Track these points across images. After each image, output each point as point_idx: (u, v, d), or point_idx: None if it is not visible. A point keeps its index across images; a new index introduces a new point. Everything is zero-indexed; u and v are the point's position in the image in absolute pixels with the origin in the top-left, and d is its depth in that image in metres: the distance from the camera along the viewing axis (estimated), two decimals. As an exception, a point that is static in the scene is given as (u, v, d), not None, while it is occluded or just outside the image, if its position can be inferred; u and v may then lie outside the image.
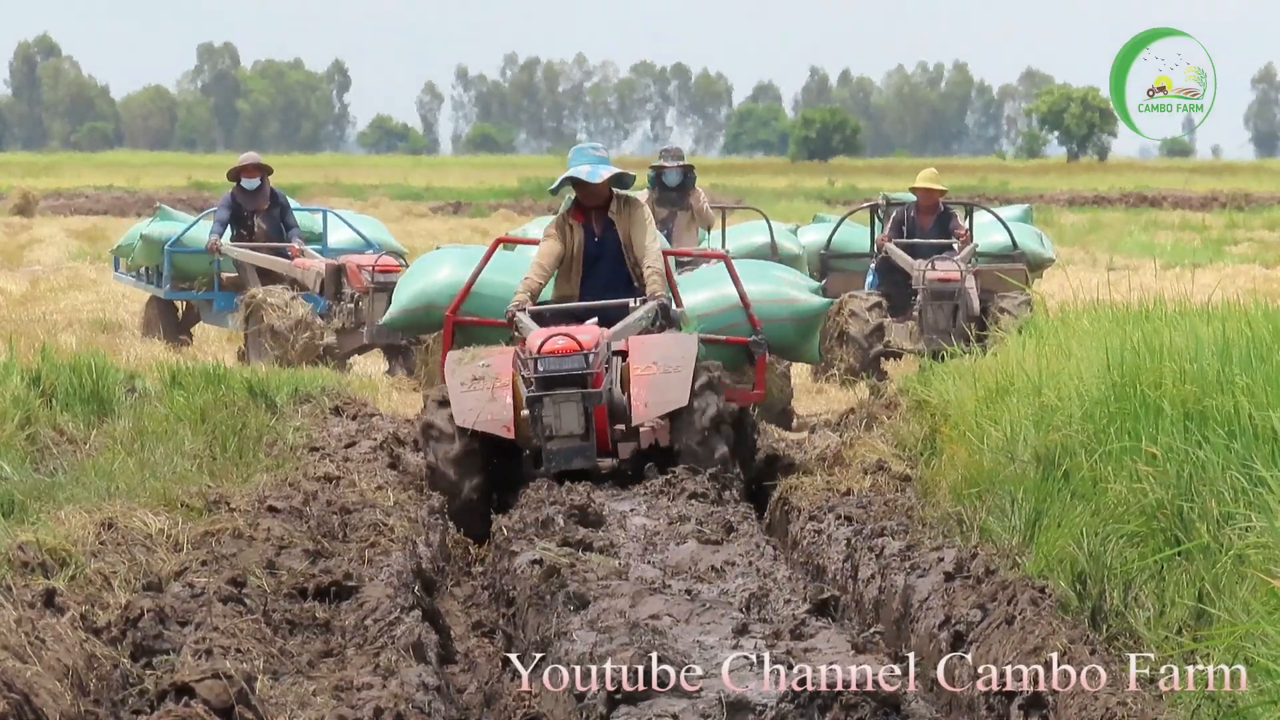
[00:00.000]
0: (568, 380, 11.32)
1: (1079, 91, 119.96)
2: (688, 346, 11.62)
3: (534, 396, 11.31)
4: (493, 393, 11.39)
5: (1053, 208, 57.47)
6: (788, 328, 14.17)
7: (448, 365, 11.66)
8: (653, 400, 11.40)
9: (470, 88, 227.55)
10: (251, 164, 19.77)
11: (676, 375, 11.43)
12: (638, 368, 11.51)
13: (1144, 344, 9.03)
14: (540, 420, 11.31)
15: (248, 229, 19.72)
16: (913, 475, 11.83)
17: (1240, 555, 6.58)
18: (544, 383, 11.33)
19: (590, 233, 12.31)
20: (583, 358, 11.34)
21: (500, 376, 11.48)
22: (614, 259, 12.26)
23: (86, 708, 6.37)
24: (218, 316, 20.42)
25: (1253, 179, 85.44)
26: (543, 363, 11.32)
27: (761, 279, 14.26)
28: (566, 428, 11.30)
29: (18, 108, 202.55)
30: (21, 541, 7.99)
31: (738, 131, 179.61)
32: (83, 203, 57.92)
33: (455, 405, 11.38)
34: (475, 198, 62.58)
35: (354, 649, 7.28)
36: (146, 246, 20.73)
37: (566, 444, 11.30)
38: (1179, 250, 37.09)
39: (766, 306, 13.77)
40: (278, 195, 19.96)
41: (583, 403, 11.29)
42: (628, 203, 12.35)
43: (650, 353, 11.56)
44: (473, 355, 11.69)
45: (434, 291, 14.30)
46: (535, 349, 11.35)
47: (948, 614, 7.76)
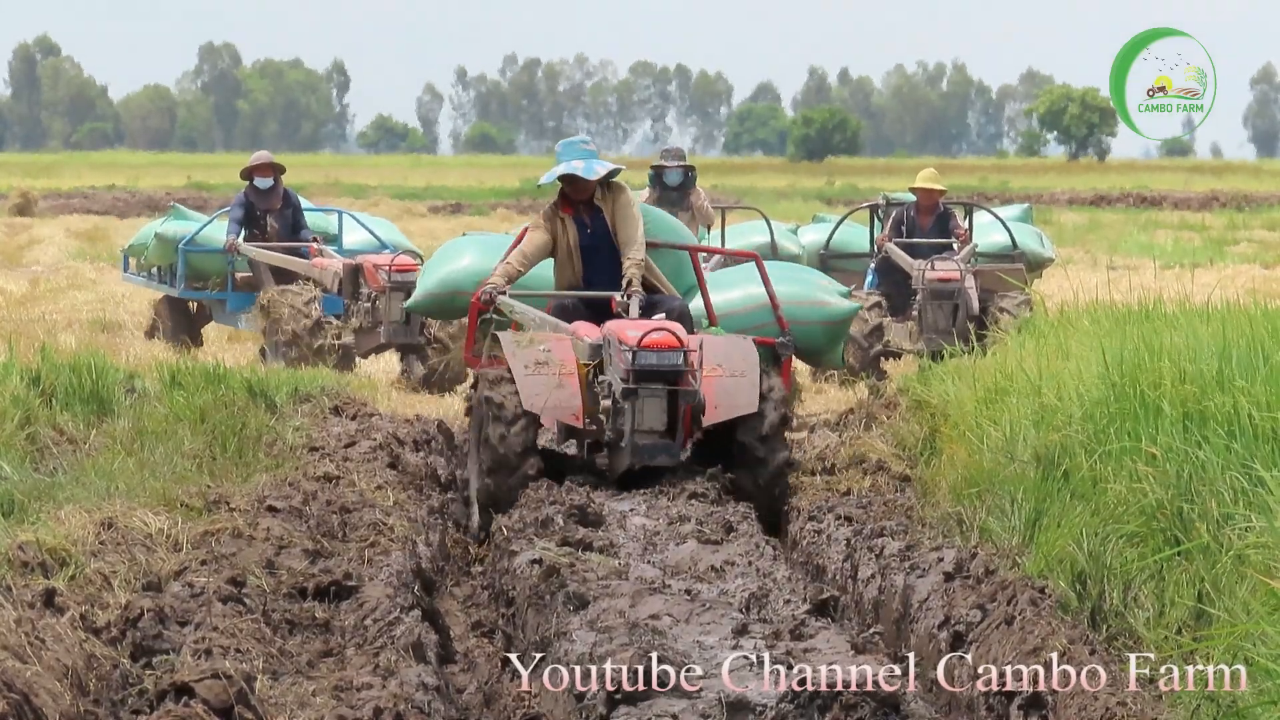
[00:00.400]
0: (664, 375, 11.14)
1: (1078, 92, 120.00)
2: (749, 351, 11.57)
3: (630, 389, 11.06)
4: (560, 379, 11.26)
5: (1052, 208, 57.48)
6: (816, 331, 14.01)
7: (506, 345, 11.49)
8: (723, 403, 11.29)
9: (470, 88, 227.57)
10: (264, 163, 19.60)
11: (744, 380, 11.35)
12: (706, 370, 11.36)
13: (1144, 344, 9.03)
14: (628, 413, 11.11)
15: (260, 228, 19.54)
16: (912, 475, 11.83)
17: (1240, 555, 6.58)
18: (639, 375, 11.11)
19: (582, 224, 12.23)
20: (683, 354, 11.16)
21: (565, 363, 11.35)
22: (609, 250, 12.18)
23: (86, 708, 6.37)
24: (231, 317, 20.22)
25: (1252, 179, 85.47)
26: (642, 356, 11.10)
27: (792, 281, 14.13)
28: (649, 423, 11.12)
29: (17, 107, 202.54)
30: (21, 541, 7.99)
31: (737, 131, 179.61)
32: (82, 203, 57.94)
33: (523, 388, 11.22)
34: (475, 198, 62.60)
35: (354, 649, 7.28)
36: (160, 245, 20.45)
37: (652, 440, 11.12)
38: (1179, 250, 37.09)
39: (796, 309, 13.59)
40: (290, 195, 19.81)
41: (679, 400, 11.15)
42: (611, 189, 12.25)
43: (715, 355, 11.44)
44: (530, 339, 11.57)
45: (459, 277, 14.13)
46: (633, 341, 11.13)
47: (947, 614, 7.76)
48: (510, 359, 11.37)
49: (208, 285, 20.37)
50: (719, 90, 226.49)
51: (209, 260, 20.20)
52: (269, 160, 19.72)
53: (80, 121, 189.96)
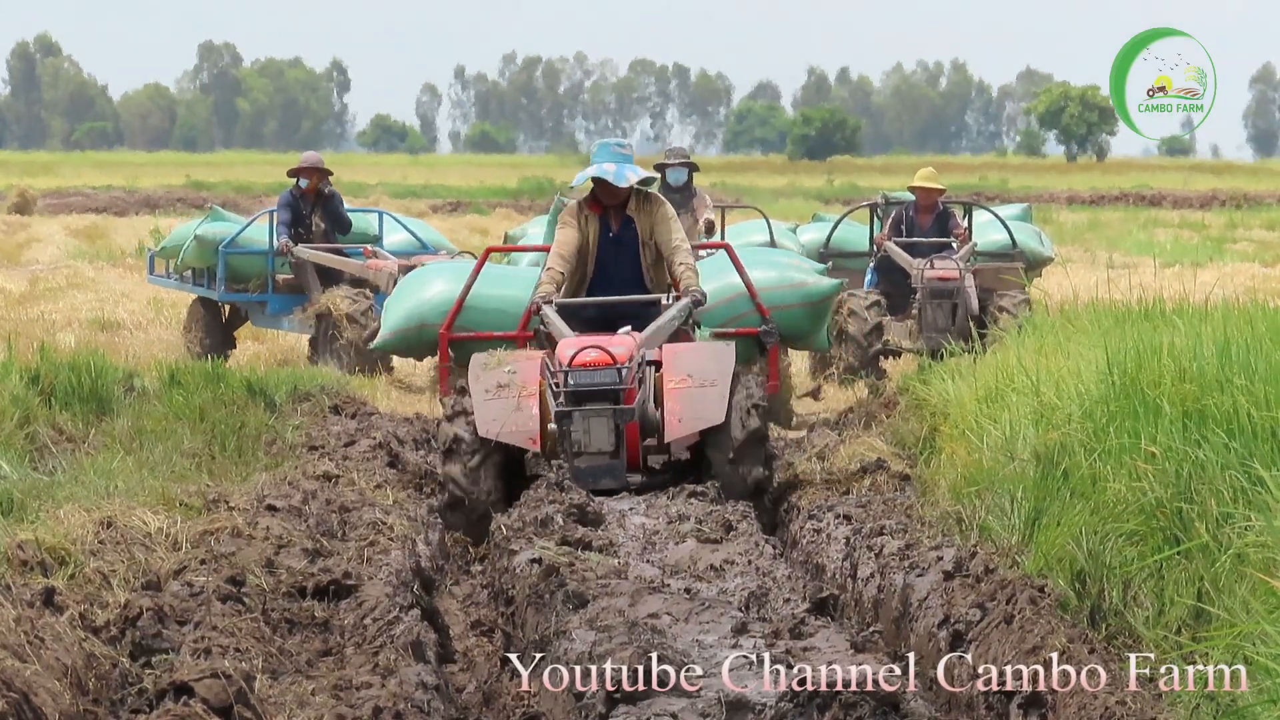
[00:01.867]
0: (599, 395, 10.77)
1: (1078, 90, 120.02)
2: (724, 358, 11.09)
3: (563, 411, 10.76)
4: (519, 402, 10.86)
5: (1052, 206, 57.51)
6: (799, 314, 13.64)
7: (472, 369, 11.10)
8: (687, 416, 10.87)
9: (469, 87, 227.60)
10: (311, 166, 19.42)
11: (713, 390, 10.90)
12: (671, 380, 10.98)
13: (1143, 343, 9.03)
14: (568, 435, 10.77)
15: (305, 228, 19.32)
16: (912, 474, 11.82)
17: (1239, 554, 6.58)
18: (574, 396, 10.78)
19: (606, 227, 11.76)
20: (615, 372, 10.78)
21: (527, 385, 10.95)
22: (630, 258, 11.72)
23: (85, 707, 6.36)
24: (271, 319, 19.91)
25: (1251, 178, 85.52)
26: (573, 376, 10.77)
27: (765, 265, 13.71)
28: (596, 444, 10.75)
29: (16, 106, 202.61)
30: (21, 540, 7.99)
31: (737, 130, 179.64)
32: (81, 201, 57.96)
33: (478, 414, 10.87)
34: (474, 196, 62.59)
35: (353, 648, 7.27)
36: (200, 247, 20.02)
37: (595, 461, 10.76)
38: (1178, 249, 37.10)
39: (774, 293, 13.24)
40: (334, 196, 19.58)
41: (614, 419, 10.75)
42: (648, 199, 11.79)
43: (684, 364, 11.02)
44: (499, 360, 11.13)
45: (426, 309, 13.74)
46: (566, 360, 10.82)
47: (947, 613, 7.76)
48: (472, 384, 11.00)
49: (248, 288, 20.00)
50: (718, 89, 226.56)
51: (249, 262, 19.88)
52: (318, 164, 19.50)
53: (79, 120, 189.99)
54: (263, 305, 19.86)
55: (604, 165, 11.63)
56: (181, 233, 21.35)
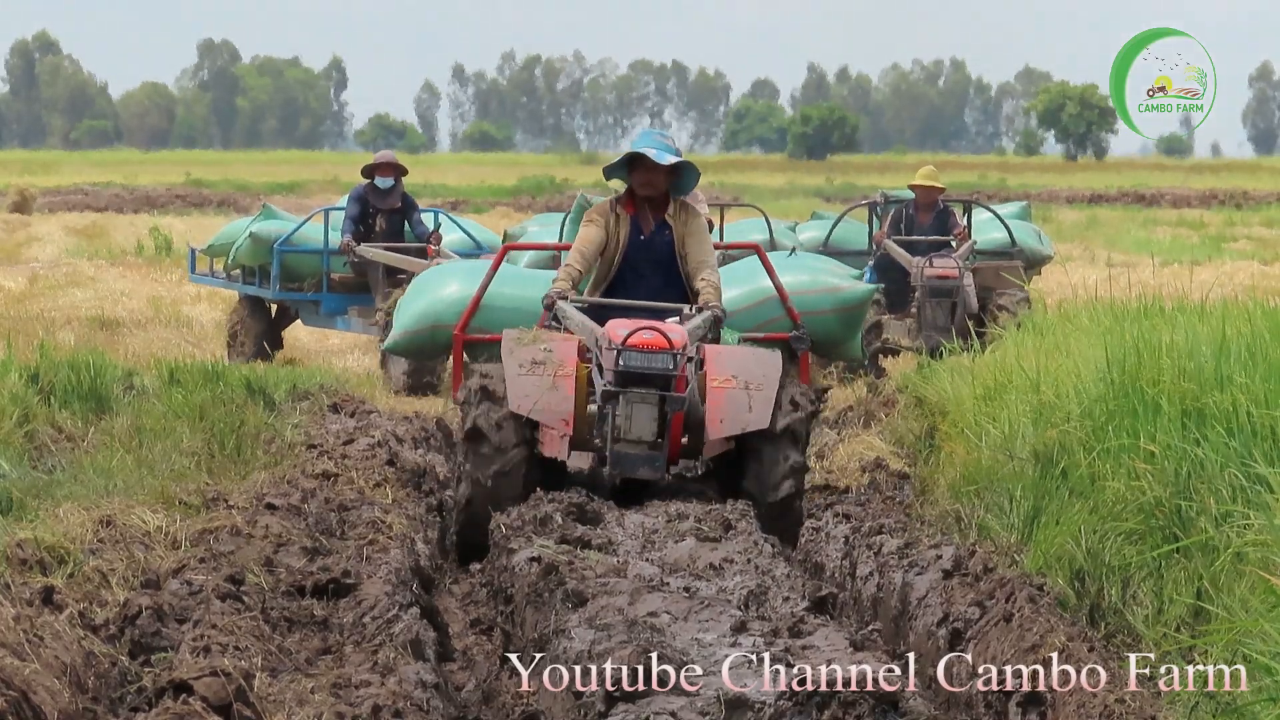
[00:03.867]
0: (648, 379, 10.17)
1: (1076, 89, 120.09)
2: (772, 364, 10.48)
3: (610, 391, 10.15)
4: (554, 380, 10.31)
5: (1051, 205, 57.52)
6: (831, 320, 13.00)
7: (505, 343, 10.53)
8: (730, 418, 10.30)
9: (468, 85, 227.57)
10: (387, 163, 19.06)
11: (759, 394, 10.32)
12: (715, 379, 10.38)
13: (1142, 341, 9.03)
14: (610, 418, 10.19)
15: (368, 228, 18.91)
16: (911, 473, 11.83)
17: (1239, 552, 6.58)
18: (623, 378, 10.17)
19: (638, 229, 11.07)
20: (671, 356, 10.16)
21: (564, 364, 10.37)
22: (661, 264, 11.04)
23: (85, 705, 6.36)
24: (325, 319, 19.62)
25: (1250, 177, 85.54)
26: (626, 356, 10.14)
27: (797, 269, 13.14)
28: (637, 431, 10.18)
29: (16, 105, 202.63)
30: (20, 539, 7.99)
31: (736, 128, 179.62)
32: (81, 200, 58.00)
33: (511, 389, 10.31)
34: (473, 195, 62.59)
35: (352, 646, 7.27)
36: (254, 245, 19.65)
37: (634, 449, 10.19)
38: (1177, 247, 37.11)
39: (806, 297, 12.57)
40: (408, 198, 19.16)
41: (661, 406, 10.17)
42: (684, 207, 11.13)
43: (730, 365, 10.45)
44: (534, 336, 10.56)
45: (440, 309, 13.26)
46: (619, 339, 10.19)
47: (946, 611, 7.76)
48: (505, 357, 10.48)
49: (302, 287, 19.66)
50: (717, 87, 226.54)
51: (303, 261, 19.59)
52: (392, 160, 19.16)
53: (79, 119, 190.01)
54: (316, 304, 19.56)
55: (645, 147, 10.96)
56: (231, 231, 20.96)
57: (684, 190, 11.20)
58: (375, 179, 19.02)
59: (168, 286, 26.92)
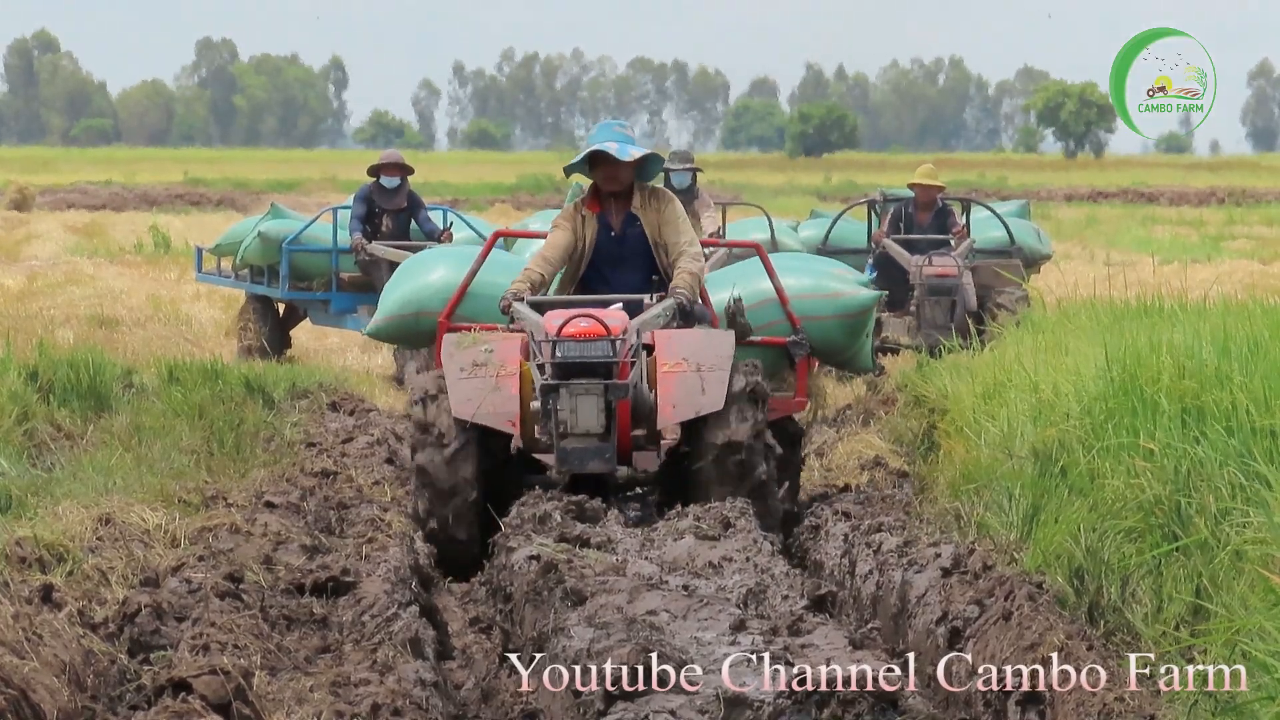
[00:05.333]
0: (589, 369, 9.91)
1: (1075, 88, 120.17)
2: (723, 344, 10.21)
3: (549, 385, 9.87)
4: (497, 381, 10.01)
5: (1050, 203, 57.54)
6: (832, 326, 12.36)
7: (445, 348, 10.27)
8: (681, 402, 9.99)
9: (467, 83, 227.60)
10: (393, 162, 18.97)
11: (711, 375, 10.02)
12: (665, 364, 10.10)
13: (1142, 340, 9.03)
14: (554, 414, 9.90)
15: (374, 227, 18.80)
16: (910, 471, 11.83)
17: (1238, 551, 6.58)
18: (561, 370, 9.91)
19: (606, 226, 10.80)
20: (609, 344, 9.90)
21: (506, 364, 10.10)
22: (637, 258, 10.79)
23: (84, 703, 6.36)
24: (334, 318, 19.54)
25: (1250, 175, 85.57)
26: (561, 347, 9.89)
27: (801, 271, 12.57)
28: (584, 424, 9.89)
29: (15, 103, 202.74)
30: (19, 537, 7.99)
31: (734, 127, 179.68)
32: (80, 198, 58.01)
33: (453, 394, 10.01)
34: (472, 194, 62.59)
35: (351, 645, 7.27)
36: (263, 245, 19.61)
37: (582, 443, 9.90)
38: (1176, 246, 37.11)
39: (807, 302, 12.06)
40: (415, 197, 19.06)
41: (605, 396, 9.88)
42: (655, 195, 10.80)
43: (680, 348, 10.14)
44: (474, 339, 10.28)
45: (426, 295, 12.80)
46: (554, 330, 9.94)
47: (945, 610, 7.76)
48: (445, 361, 10.15)
49: (311, 286, 19.61)
50: (716, 86, 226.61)
51: (312, 260, 19.54)
52: (398, 160, 19.09)
53: (78, 117, 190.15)
54: (325, 303, 19.49)
55: (606, 143, 10.66)
56: (238, 230, 20.92)
57: (648, 177, 10.89)
58: (381, 178, 18.96)
59: (167, 285, 26.91)
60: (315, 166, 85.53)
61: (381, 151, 20.51)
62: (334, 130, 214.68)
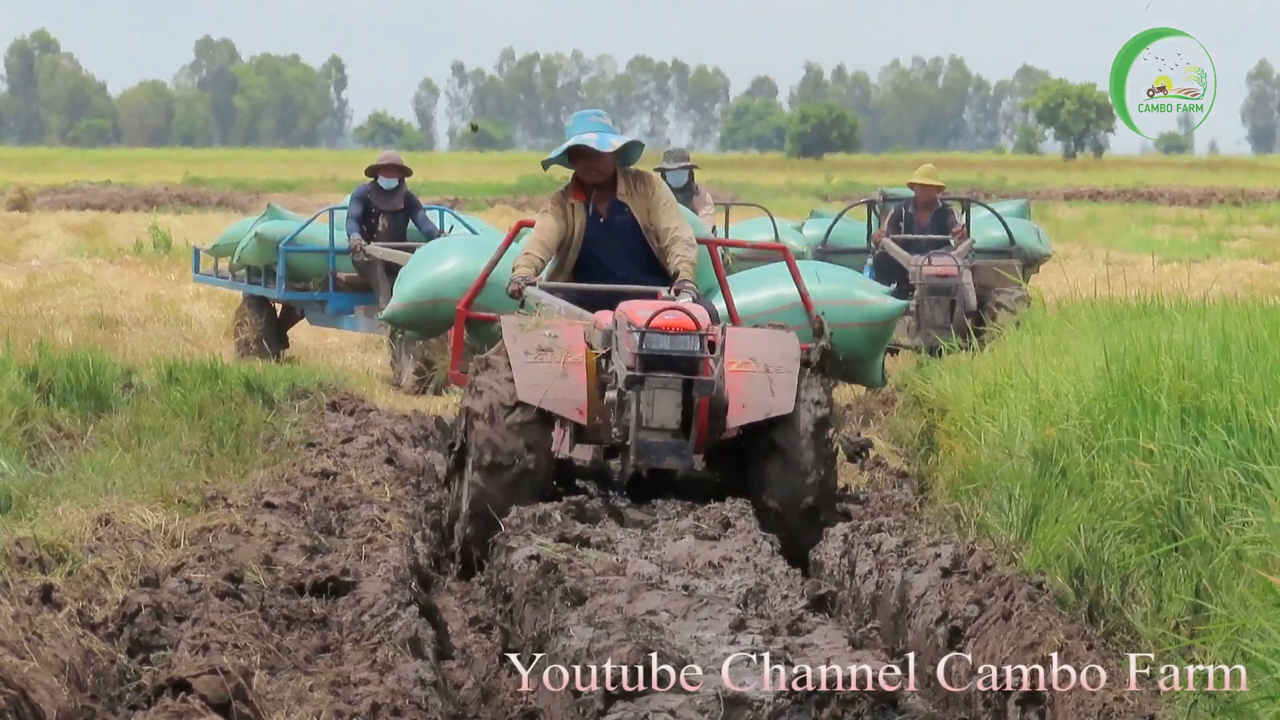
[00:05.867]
0: (672, 363, 9.59)
1: (1075, 88, 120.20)
2: (789, 345, 9.98)
3: (634, 376, 9.53)
4: (564, 368, 9.74)
5: (1050, 203, 57.55)
6: (857, 335, 12.31)
7: (507, 329, 9.95)
8: (751, 402, 9.74)
9: (467, 83, 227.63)
10: (392, 164, 18.93)
11: (781, 376, 9.79)
12: (734, 362, 9.84)
13: (1141, 340, 9.03)
14: (632, 405, 9.60)
15: (370, 227, 18.79)
16: (910, 471, 11.83)
17: (1237, 551, 6.58)
18: (647, 361, 9.56)
19: (594, 215, 10.62)
20: (698, 338, 9.59)
21: (572, 351, 9.83)
22: (628, 246, 10.61)
23: (83, 703, 6.36)
24: (331, 318, 19.54)
25: (1250, 175, 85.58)
26: (650, 339, 9.56)
27: (826, 278, 12.53)
28: (660, 419, 9.59)
29: (15, 103, 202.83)
30: (19, 537, 7.99)
31: (734, 127, 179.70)
32: (79, 198, 58.00)
33: (519, 377, 9.70)
34: (473, 193, 62.59)
35: (351, 645, 7.27)
36: (260, 245, 19.54)
37: (658, 438, 9.61)
38: (1176, 245, 37.11)
39: (833, 309, 11.86)
40: (412, 198, 19.07)
41: (688, 391, 9.59)
42: (640, 179, 10.63)
43: (747, 347, 9.93)
44: (535, 322, 9.99)
45: (444, 283, 12.88)
46: (642, 321, 9.59)
47: (945, 610, 7.76)
48: (510, 344, 9.87)
49: (308, 286, 19.59)
50: (715, 86, 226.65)
51: (309, 260, 19.51)
52: (396, 161, 19.04)
53: (77, 117, 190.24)
54: (322, 304, 19.46)
55: (585, 135, 10.46)
56: (235, 231, 20.87)
57: (630, 162, 10.68)
58: (379, 179, 18.94)
59: (167, 285, 26.91)
60: (315, 166, 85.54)
61: (380, 152, 20.46)
62: (334, 130, 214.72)
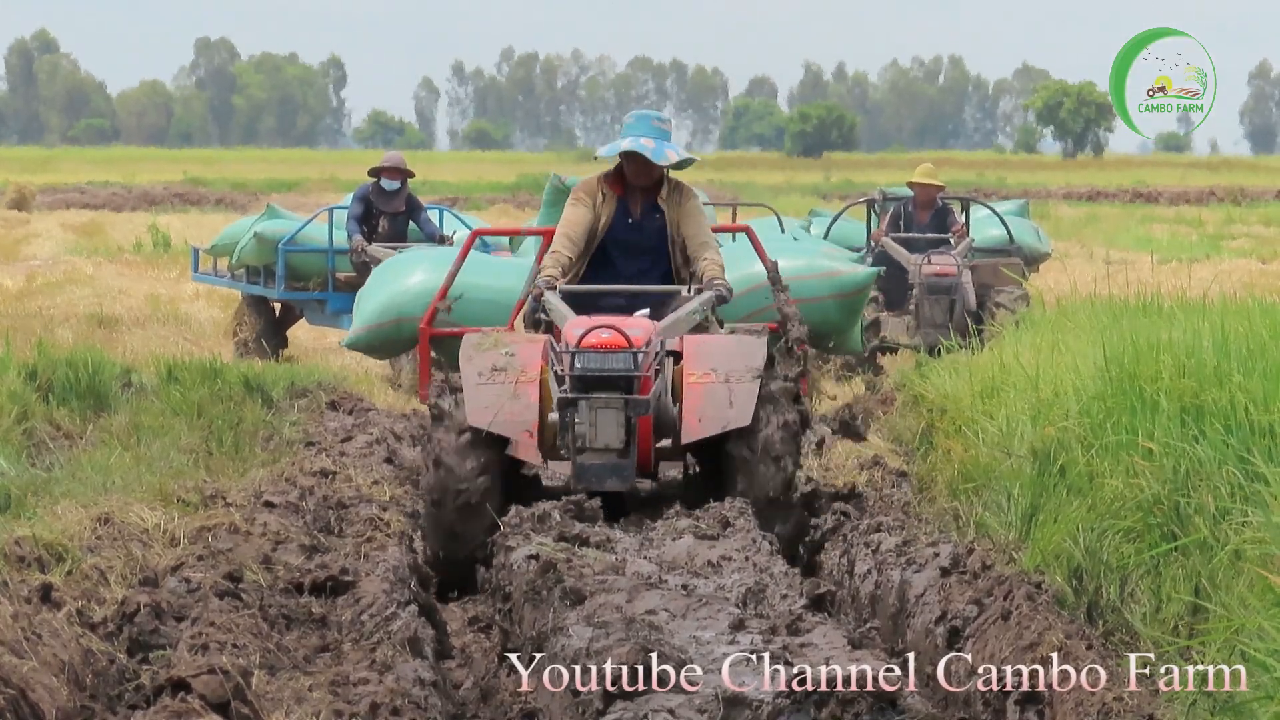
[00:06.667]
0: (610, 382, 9.46)
1: (1075, 87, 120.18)
2: (755, 352, 9.75)
3: (567, 398, 9.44)
4: (516, 388, 9.58)
5: (1049, 202, 57.55)
6: (830, 307, 12.11)
7: (463, 349, 9.75)
8: (708, 415, 9.56)
9: (467, 83, 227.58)
10: (395, 166, 18.85)
11: (740, 388, 9.59)
12: (693, 374, 9.67)
13: (1141, 339, 9.03)
14: (572, 427, 9.48)
15: (370, 228, 18.72)
16: (909, 470, 11.82)
17: (1237, 550, 6.58)
18: (581, 382, 9.46)
19: (624, 211, 10.36)
20: (630, 356, 9.45)
21: (526, 369, 9.65)
22: (649, 249, 10.37)
23: (83, 703, 6.36)
24: (330, 318, 19.45)
25: (1249, 174, 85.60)
26: (581, 358, 9.44)
27: (792, 252, 12.19)
28: (603, 439, 9.45)
29: (14, 103, 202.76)
30: (18, 536, 7.99)
31: (733, 126, 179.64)
32: (79, 197, 58.05)
33: (469, 400, 9.57)
34: (473, 192, 62.58)
35: (350, 644, 7.27)
36: (259, 245, 19.53)
37: (600, 459, 9.49)
38: (1175, 245, 37.10)
39: (802, 283, 11.67)
40: (414, 199, 18.97)
41: (625, 411, 9.43)
42: (679, 189, 10.39)
43: (708, 357, 9.72)
44: (495, 340, 9.79)
45: (405, 300, 12.57)
46: (573, 341, 9.49)
47: (944, 609, 7.76)
48: (463, 365, 9.68)
49: (307, 286, 19.54)
50: (715, 85, 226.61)
51: (308, 260, 19.47)
52: (400, 163, 18.97)
53: (77, 117, 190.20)
54: (321, 304, 19.43)
55: (641, 139, 10.18)
56: (234, 231, 20.86)
57: (680, 169, 10.48)
58: (381, 180, 18.90)
59: (166, 284, 26.91)
60: (314, 166, 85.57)
61: (384, 153, 20.45)
62: (333, 130, 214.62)
